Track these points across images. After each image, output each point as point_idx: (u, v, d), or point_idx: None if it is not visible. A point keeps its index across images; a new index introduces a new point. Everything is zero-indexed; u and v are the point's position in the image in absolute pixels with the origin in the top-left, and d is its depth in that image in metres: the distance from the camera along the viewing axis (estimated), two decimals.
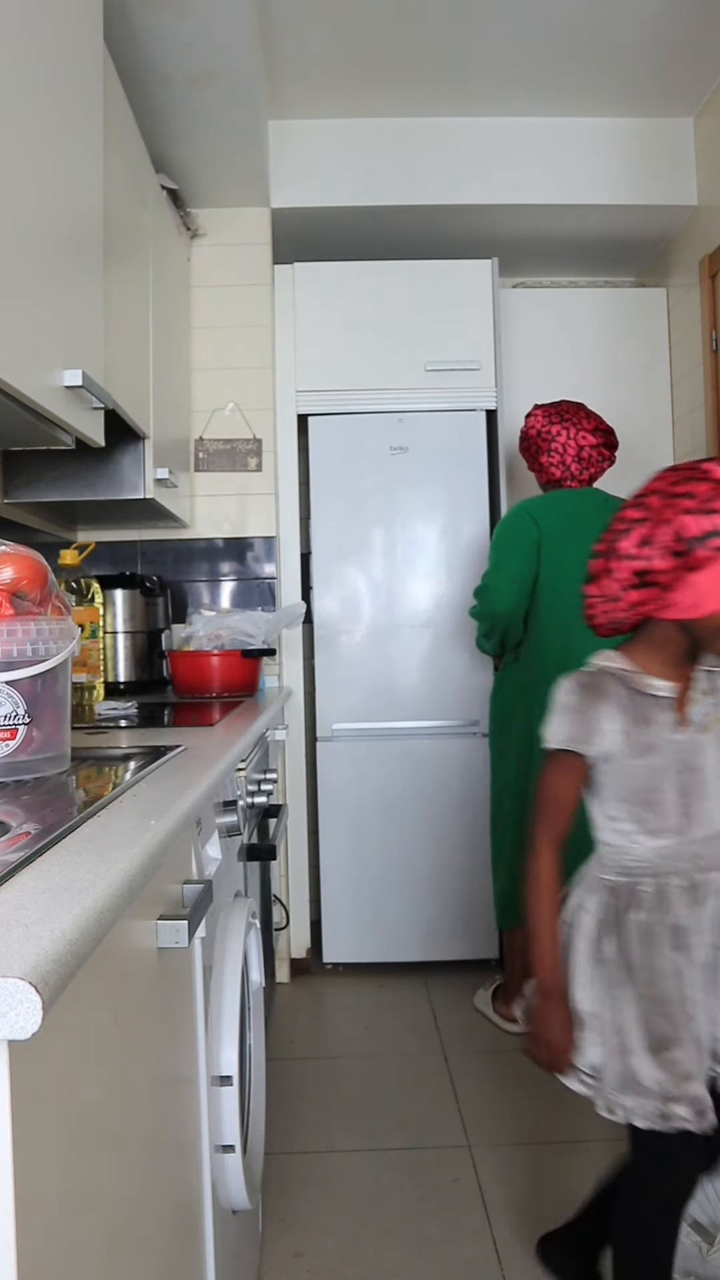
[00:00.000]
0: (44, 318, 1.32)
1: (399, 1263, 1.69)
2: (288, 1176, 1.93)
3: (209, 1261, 1.13)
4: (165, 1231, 0.92)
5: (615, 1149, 1.97)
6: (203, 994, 1.14)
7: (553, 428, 2.53)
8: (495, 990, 2.68)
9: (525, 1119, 2.13)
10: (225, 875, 1.34)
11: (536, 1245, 1.64)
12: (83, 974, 0.59)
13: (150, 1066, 0.88)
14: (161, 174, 2.64)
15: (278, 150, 2.99)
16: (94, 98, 1.60)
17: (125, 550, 3.04)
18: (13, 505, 2.36)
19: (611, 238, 3.28)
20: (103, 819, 0.89)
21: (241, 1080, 1.28)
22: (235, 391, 3.03)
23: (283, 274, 3.08)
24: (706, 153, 2.96)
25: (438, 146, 3.02)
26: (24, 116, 1.24)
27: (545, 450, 2.53)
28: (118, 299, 1.96)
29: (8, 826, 0.87)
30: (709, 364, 2.94)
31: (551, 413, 2.55)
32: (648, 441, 3.29)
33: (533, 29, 2.57)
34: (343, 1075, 2.35)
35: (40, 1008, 0.49)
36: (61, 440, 1.52)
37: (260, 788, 1.84)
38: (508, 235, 3.22)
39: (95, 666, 2.17)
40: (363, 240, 3.23)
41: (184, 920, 0.89)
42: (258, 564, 3.07)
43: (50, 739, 1.17)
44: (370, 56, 2.68)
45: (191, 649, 2.45)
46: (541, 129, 3.02)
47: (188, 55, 2.22)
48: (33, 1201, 0.54)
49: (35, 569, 1.20)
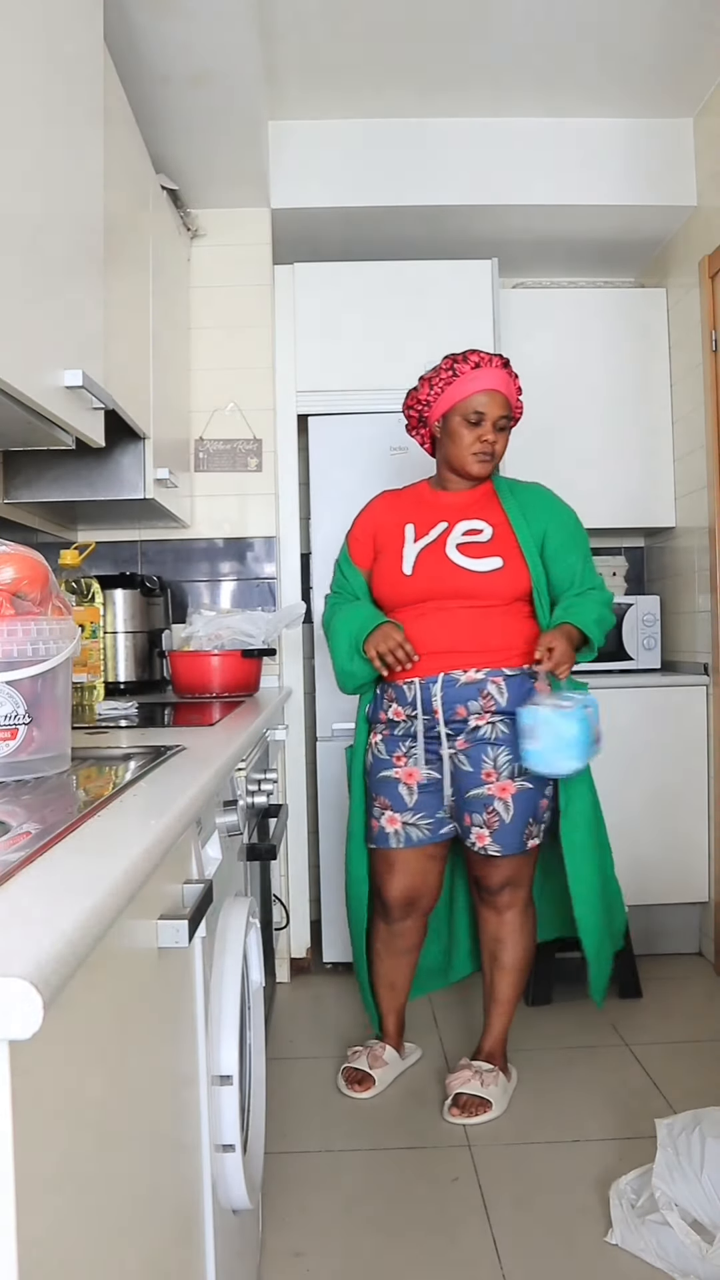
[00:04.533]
0: (44, 318, 1.32)
1: (399, 1263, 1.69)
2: (288, 1176, 1.93)
3: (209, 1261, 1.13)
4: (165, 1231, 0.92)
5: (615, 1148, 1.98)
6: (203, 994, 1.14)
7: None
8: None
9: (525, 1119, 2.13)
10: (225, 875, 1.34)
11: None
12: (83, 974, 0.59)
13: (150, 1066, 0.88)
14: (161, 174, 2.64)
15: (278, 150, 2.99)
16: (94, 98, 1.60)
17: (125, 550, 3.04)
18: (13, 505, 2.36)
19: (611, 238, 3.28)
20: (103, 819, 0.89)
21: (241, 1080, 1.28)
22: (235, 391, 3.03)
23: (283, 274, 3.08)
24: (706, 153, 2.96)
25: (438, 146, 3.02)
26: (24, 117, 1.24)
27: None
28: (118, 299, 1.96)
29: (8, 826, 0.87)
30: (709, 364, 2.94)
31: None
32: (648, 441, 3.29)
33: (532, 29, 2.57)
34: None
35: (41, 1007, 0.49)
36: (61, 440, 1.52)
37: (260, 788, 1.84)
38: (508, 235, 3.22)
39: (95, 666, 2.17)
40: (363, 240, 3.23)
41: (184, 920, 0.89)
42: (258, 564, 3.07)
43: (50, 739, 1.17)
44: (370, 56, 2.68)
45: (191, 649, 2.45)
46: (541, 129, 3.02)
47: (187, 55, 2.22)
48: (33, 1200, 0.54)
49: (35, 569, 1.20)
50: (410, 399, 2.24)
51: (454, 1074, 2.20)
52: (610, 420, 3.29)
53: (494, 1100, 2.14)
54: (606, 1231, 1.71)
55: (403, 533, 2.21)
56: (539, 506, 2.20)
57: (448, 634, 2.11)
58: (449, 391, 2.14)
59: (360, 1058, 2.31)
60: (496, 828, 2.11)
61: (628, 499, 3.28)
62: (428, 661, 2.12)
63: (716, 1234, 1.55)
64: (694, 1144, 1.63)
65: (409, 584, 2.15)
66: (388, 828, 2.20)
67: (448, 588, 2.12)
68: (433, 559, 2.14)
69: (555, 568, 2.17)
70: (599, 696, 3.04)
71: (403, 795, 2.18)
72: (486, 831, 2.12)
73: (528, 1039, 2.51)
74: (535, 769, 2.02)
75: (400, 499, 2.31)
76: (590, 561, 2.22)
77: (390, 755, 2.20)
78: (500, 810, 2.11)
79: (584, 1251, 1.68)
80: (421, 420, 2.24)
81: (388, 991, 2.34)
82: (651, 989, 2.79)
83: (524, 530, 2.14)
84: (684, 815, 3.01)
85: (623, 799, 3.00)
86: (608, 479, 3.28)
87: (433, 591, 2.13)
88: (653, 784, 3.00)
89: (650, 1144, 1.72)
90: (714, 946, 2.96)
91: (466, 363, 2.14)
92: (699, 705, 3.03)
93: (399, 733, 2.18)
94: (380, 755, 2.22)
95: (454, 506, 2.21)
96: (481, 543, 2.13)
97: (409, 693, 2.14)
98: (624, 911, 2.39)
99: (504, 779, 2.11)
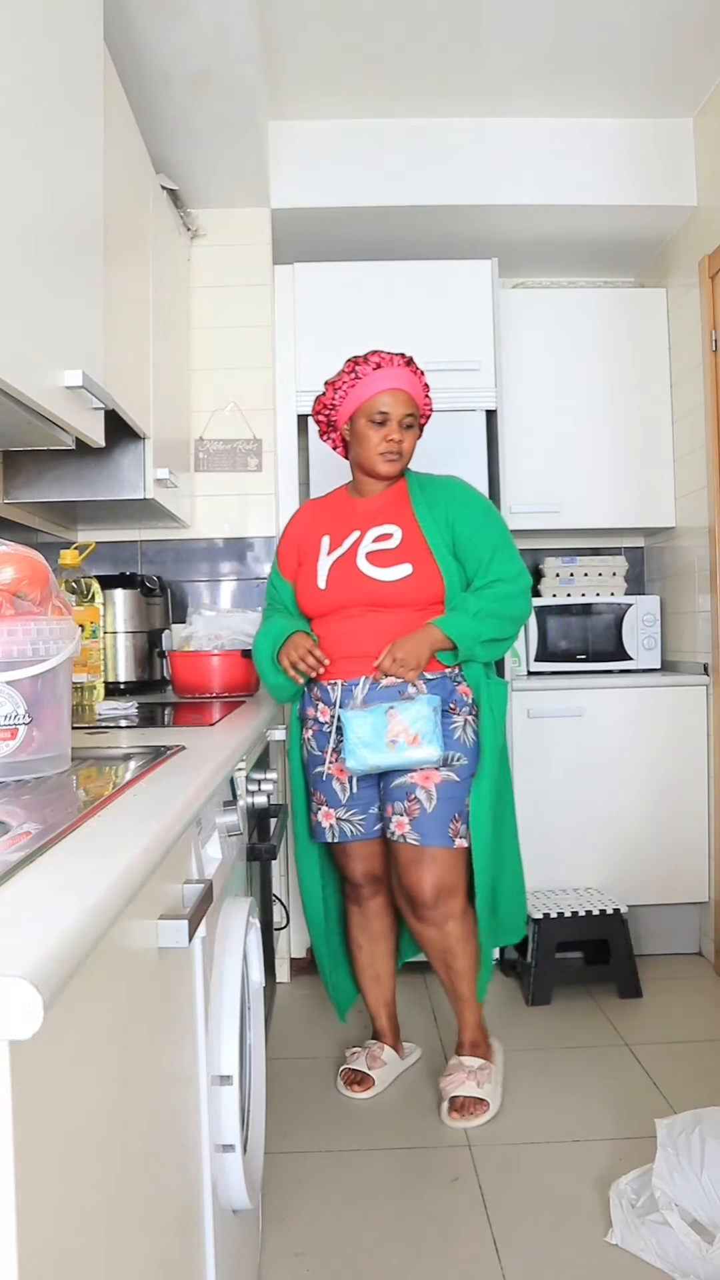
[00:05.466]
0: (44, 318, 1.32)
1: (399, 1263, 1.69)
2: (288, 1176, 1.93)
3: (209, 1261, 1.13)
4: (165, 1231, 0.92)
5: (615, 1148, 1.98)
6: (203, 994, 1.14)
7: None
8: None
9: (525, 1119, 2.13)
10: (225, 875, 1.34)
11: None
12: (83, 974, 0.59)
13: (150, 1066, 0.88)
14: (161, 174, 2.64)
15: (278, 150, 2.99)
16: (94, 98, 1.60)
17: (125, 550, 3.04)
18: (13, 505, 2.36)
19: (611, 238, 3.28)
20: (103, 819, 0.89)
21: (241, 1080, 1.28)
22: (235, 391, 3.03)
23: (283, 274, 3.08)
24: (706, 153, 2.96)
25: (438, 146, 3.02)
26: (24, 117, 1.24)
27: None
28: (118, 299, 1.96)
29: (8, 826, 0.87)
30: (709, 364, 2.94)
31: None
32: (648, 441, 3.29)
33: (532, 29, 2.57)
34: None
35: (41, 1007, 0.49)
36: (61, 440, 1.52)
37: (260, 788, 1.84)
38: (508, 235, 3.22)
39: (95, 666, 2.17)
40: (363, 240, 3.23)
41: (184, 920, 0.89)
42: (258, 564, 3.07)
43: (50, 739, 1.17)
44: (370, 56, 2.68)
45: (191, 649, 2.45)
46: (541, 129, 3.02)
47: (188, 55, 2.22)
48: (33, 1201, 0.54)
49: (35, 569, 1.20)
50: (317, 404, 2.24)
51: (447, 1076, 2.19)
52: (610, 420, 3.29)
53: (490, 1099, 2.14)
54: (606, 1231, 1.71)
55: (319, 545, 2.21)
56: (446, 501, 2.16)
57: (366, 639, 2.11)
58: (353, 394, 2.15)
59: (359, 1058, 2.31)
60: (417, 815, 2.09)
61: (628, 499, 3.28)
62: (350, 665, 2.13)
63: (716, 1234, 1.55)
64: (694, 1144, 1.63)
65: (323, 596, 2.16)
66: (323, 822, 2.22)
67: (359, 597, 2.12)
68: (343, 571, 2.14)
69: (465, 562, 2.13)
70: (599, 696, 3.07)
71: (336, 791, 2.20)
72: (406, 819, 2.10)
73: (528, 1039, 2.51)
74: (346, 763, 2.07)
75: (320, 509, 2.30)
76: (503, 551, 2.15)
77: (321, 751, 2.22)
78: (422, 799, 2.09)
79: (584, 1251, 1.68)
80: (331, 425, 2.24)
81: (374, 985, 2.34)
82: (651, 989, 2.79)
83: (432, 530, 2.12)
84: (684, 815, 3.01)
85: (622, 799, 3.00)
86: (607, 479, 3.28)
87: (346, 601, 2.13)
88: (653, 784, 3.00)
89: (650, 1144, 1.72)
90: (714, 946, 2.96)
91: (368, 364, 2.14)
92: (699, 705, 3.03)
93: (327, 730, 2.20)
94: (313, 751, 2.24)
95: (366, 513, 2.20)
96: (390, 550, 2.12)
97: (333, 693, 2.16)
98: (523, 907, 2.30)
99: (421, 768, 2.10)
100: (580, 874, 2.99)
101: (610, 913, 2.76)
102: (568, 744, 3.01)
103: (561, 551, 3.53)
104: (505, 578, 2.13)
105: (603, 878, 2.99)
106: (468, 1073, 2.17)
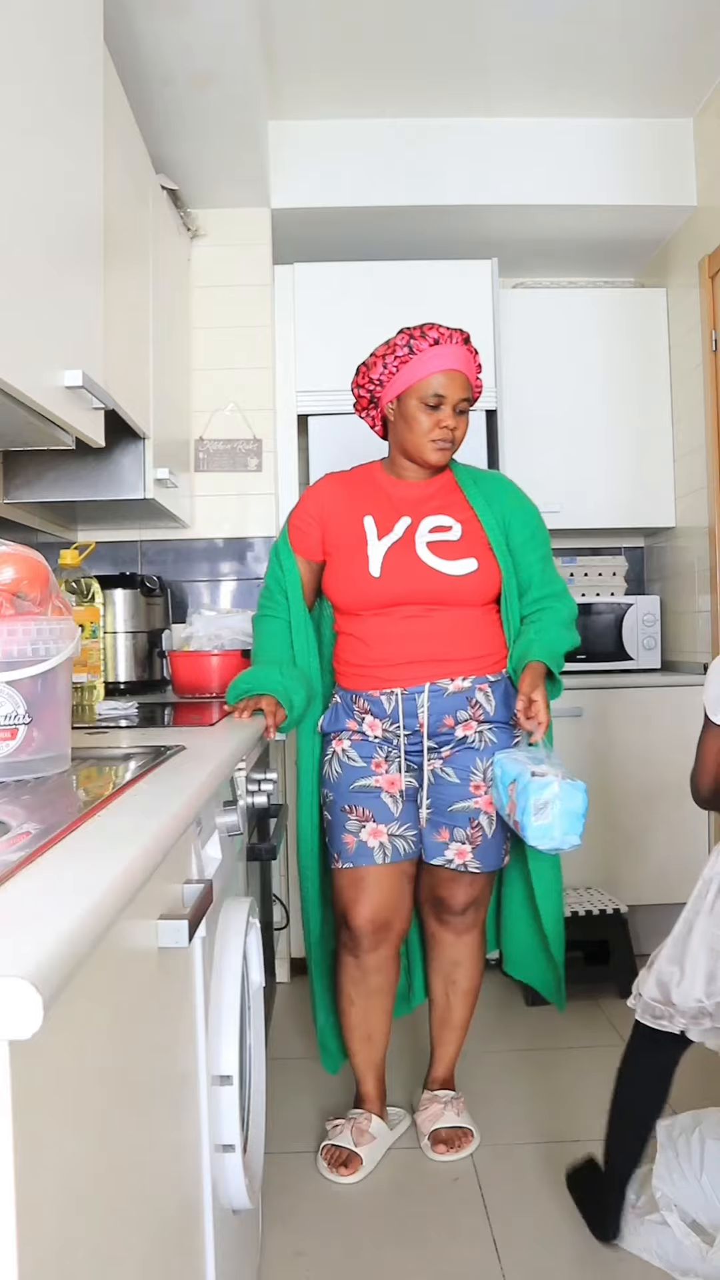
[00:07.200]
0: (44, 318, 1.32)
1: (399, 1263, 1.69)
2: (288, 1176, 1.93)
3: (209, 1261, 1.13)
4: (165, 1231, 0.92)
5: None
6: (203, 994, 1.14)
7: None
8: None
9: (525, 1118, 2.13)
10: (225, 875, 1.34)
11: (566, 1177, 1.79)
12: (83, 974, 0.59)
13: (150, 1066, 0.88)
14: (161, 174, 2.64)
15: (278, 150, 2.99)
16: (94, 98, 1.60)
17: (125, 550, 3.04)
18: (13, 505, 2.36)
19: (611, 238, 3.28)
20: (103, 819, 0.89)
21: (241, 1080, 1.28)
22: (235, 391, 3.03)
23: (283, 274, 3.08)
24: (706, 153, 2.96)
25: (438, 146, 3.02)
26: (24, 117, 1.24)
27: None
28: (118, 299, 1.96)
29: (8, 826, 0.87)
30: (709, 364, 2.94)
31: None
32: (648, 441, 3.29)
33: (532, 29, 2.57)
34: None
35: (41, 1007, 0.49)
36: (61, 440, 1.52)
37: (260, 788, 1.84)
38: (508, 235, 3.22)
39: (95, 666, 2.17)
40: (363, 240, 3.23)
41: (184, 920, 0.89)
42: (258, 564, 3.07)
43: (50, 739, 1.17)
44: (370, 56, 2.68)
45: (191, 649, 2.45)
46: (541, 129, 3.02)
47: (188, 55, 2.22)
48: (33, 1201, 0.54)
49: (35, 569, 1.20)
50: (360, 376, 1.97)
51: (422, 1111, 2.06)
52: (610, 420, 3.29)
53: (473, 1128, 2.04)
54: None
55: (362, 526, 1.96)
56: (502, 499, 2.00)
57: (429, 641, 1.91)
58: (405, 371, 1.89)
59: (342, 1133, 1.98)
60: (480, 843, 1.94)
61: (628, 499, 3.28)
62: (408, 670, 1.92)
63: (716, 1235, 1.55)
64: (694, 1145, 1.63)
65: (376, 587, 1.92)
66: (370, 841, 1.94)
67: (420, 592, 1.91)
68: (401, 559, 1.91)
69: (516, 566, 1.99)
70: (599, 696, 3.07)
71: (387, 805, 1.95)
72: (469, 848, 1.94)
73: (528, 1039, 2.51)
74: (539, 846, 1.73)
75: (352, 484, 2.04)
76: (551, 562, 2.03)
77: (367, 762, 1.96)
78: (484, 825, 1.94)
79: (584, 1251, 1.68)
80: (373, 401, 1.99)
81: (364, 1045, 2.04)
82: None
83: (492, 526, 1.95)
84: (684, 815, 3.01)
85: (622, 799, 3.00)
86: (608, 479, 3.28)
87: (403, 596, 1.91)
88: (653, 784, 3.00)
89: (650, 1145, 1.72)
90: None
91: (425, 339, 1.89)
92: (699, 705, 3.02)
93: (375, 739, 1.97)
94: (353, 763, 1.96)
95: (415, 500, 1.98)
96: (452, 542, 1.93)
97: (388, 704, 1.93)
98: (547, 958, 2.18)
99: (489, 792, 1.94)
100: (580, 874, 2.99)
101: (610, 913, 2.76)
102: (568, 744, 3.01)
103: (561, 551, 3.52)
104: (559, 592, 2.01)
105: (603, 878, 2.99)
106: (443, 1104, 2.05)
